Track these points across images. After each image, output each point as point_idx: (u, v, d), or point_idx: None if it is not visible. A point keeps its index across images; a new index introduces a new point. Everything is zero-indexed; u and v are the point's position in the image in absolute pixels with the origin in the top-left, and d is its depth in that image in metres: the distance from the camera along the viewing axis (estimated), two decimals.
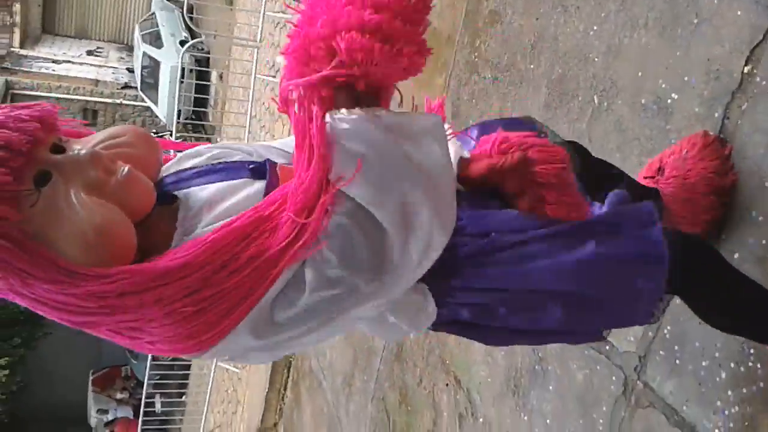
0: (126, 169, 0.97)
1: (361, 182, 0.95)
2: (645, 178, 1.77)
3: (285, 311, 0.98)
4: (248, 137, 7.95)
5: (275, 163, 1.12)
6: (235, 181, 1.07)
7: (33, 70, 15.47)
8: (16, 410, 9.96)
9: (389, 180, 0.96)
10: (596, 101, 2.28)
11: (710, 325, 1.40)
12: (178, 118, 12.17)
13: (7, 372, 10.06)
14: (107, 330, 0.97)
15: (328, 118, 0.96)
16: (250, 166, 1.11)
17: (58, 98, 15.02)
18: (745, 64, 1.73)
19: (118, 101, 15.32)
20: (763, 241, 1.63)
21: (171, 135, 13.35)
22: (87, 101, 15.35)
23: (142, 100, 14.77)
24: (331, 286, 0.97)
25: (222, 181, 1.07)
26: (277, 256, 0.94)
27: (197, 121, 14.16)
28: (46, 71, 15.53)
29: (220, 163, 1.13)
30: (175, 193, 1.06)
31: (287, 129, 6.74)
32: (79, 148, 0.96)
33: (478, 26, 3.15)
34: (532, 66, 2.68)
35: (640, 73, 2.08)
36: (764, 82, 1.68)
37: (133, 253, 0.96)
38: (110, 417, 14.37)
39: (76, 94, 15.19)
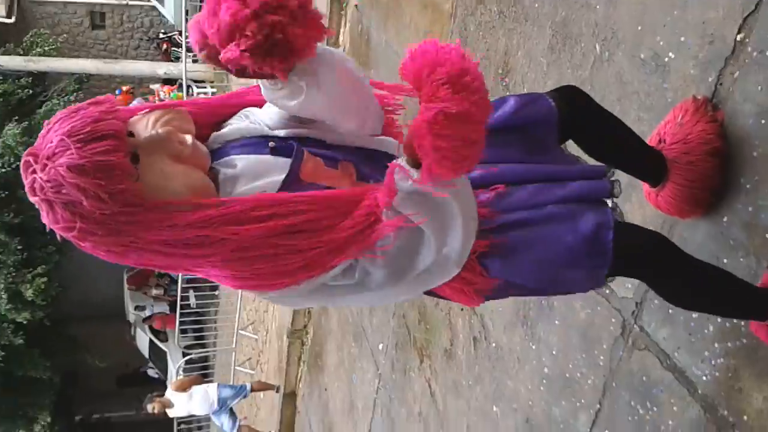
0: (190, 139, 1.19)
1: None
2: None
3: (336, 280, 1.22)
4: None
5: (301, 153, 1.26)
6: (261, 156, 1.27)
7: None
8: (57, 314, 10.52)
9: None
10: (598, 50, 2.31)
11: (675, 305, 1.55)
12: (186, 17, 11.97)
13: (45, 279, 10.52)
14: (206, 262, 1.16)
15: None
16: (270, 144, 1.29)
17: (65, 2, 14.79)
18: (738, 32, 1.76)
19: (124, 2, 15.04)
20: (750, 208, 1.73)
21: (180, 35, 13.24)
22: (94, 4, 15.09)
23: (149, 0, 14.50)
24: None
25: (250, 154, 1.27)
26: (346, 242, 1.16)
27: None
28: None
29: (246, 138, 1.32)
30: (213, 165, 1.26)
31: None
32: (144, 128, 1.17)
33: None
34: (536, 5, 2.68)
35: (639, 27, 2.11)
36: (755, 53, 1.72)
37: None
38: (147, 313, 15.08)
39: None
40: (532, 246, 1.33)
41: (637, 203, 2.08)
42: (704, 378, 1.87)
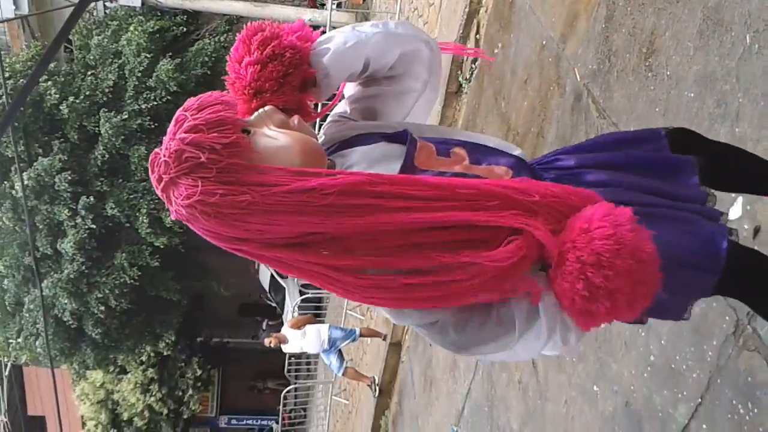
0: (297, 118, 1.26)
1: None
2: None
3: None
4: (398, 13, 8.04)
5: (415, 139, 1.32)
6: (375, 144, 1.32)
7: None
8: (191, 242, 11.17)
9: None
10: (748, 41, 2.23)
11: None
12: None
13: None
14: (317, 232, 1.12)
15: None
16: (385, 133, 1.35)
17: None
18: None
19: None
20: None
21: None
22: None
23: None
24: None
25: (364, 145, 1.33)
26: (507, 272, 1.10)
27: None
28: None
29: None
30: (329, 158, 1.32)
31: (436, 14, 6.72)
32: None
33: None
34: None
35: None
36: None
37: (325, 165, 1.24)
38: None
39: None
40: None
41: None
42: None
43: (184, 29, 11.91)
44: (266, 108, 1.24)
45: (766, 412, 2.00)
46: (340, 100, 1.51)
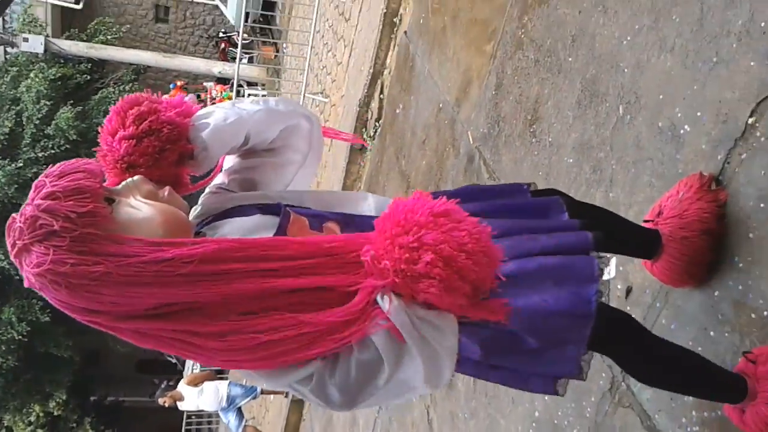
0: (167, 189, 1.26)
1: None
2: (645, 221, 1.91)
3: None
4: (310, 52, 8.12)
5: (288, 212, 1.34)
6: (249, 217, 1.33)
7: None
8: None
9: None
10: (621, 111, 2.38)
11: (643, 383, 1.61)
12: (246, 20, 12.23)
13: None
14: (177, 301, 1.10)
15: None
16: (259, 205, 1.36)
17: None
18: (750, 116, 1.83)
19: None
20: (740, 286, 1.79)
21: (238, 36, 13.55)
22: None
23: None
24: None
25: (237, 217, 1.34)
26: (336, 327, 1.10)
27: (265, 24, 14.21)
28: None
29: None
30: (199, 230, 1.33)
31: (348, 50, 6.87)
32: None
33: (527, 2, 3.20)
34: (570, 59, 2.77)
35: (661, 96, 2.18)
36: (763, 138, 1.78)
37: (191, 236, 1.24)
38: None
39: None
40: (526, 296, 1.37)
41: (638, 264, 2.14)
42: None
43: (88, 77, 11.69)
44: (135, 178, 1.24)
45: None
46: (219, 172, 1.52)
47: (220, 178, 1.51)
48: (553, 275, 1.35)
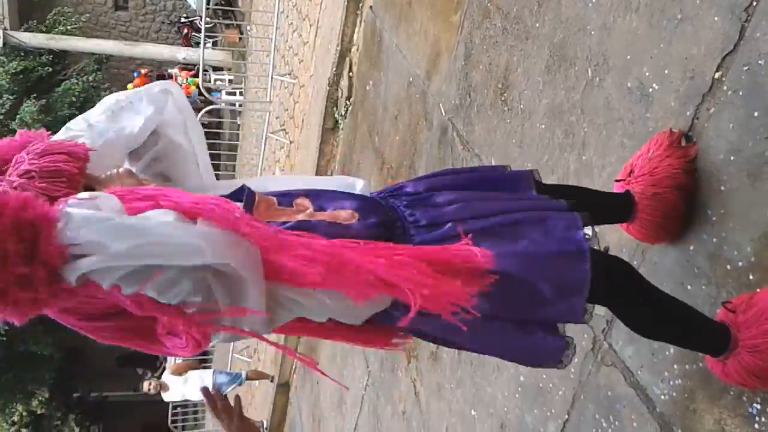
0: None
1: None
2: (617, 181, 1.94)
3: None
4: (276, 32, 8.04)
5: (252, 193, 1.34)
6: None
7: None
8: None
9: None
10: (590, 74, 2.40)
11: (638, 334, 1.64)
12: (208, 3, 12.09)
13: None
14: None
15: None
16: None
17: None
18: (716, 70, 1.85)
19: None
20: (714, 239, 1.82)
21: (200, 20, 13.36)
22: None
23: None
24: None
25: None
26: None
27: (227, 6, 14.03)
28: None
29: None
30: None
31: (314, 29, 6.81)
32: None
33: None
34: (537, 24, 2.77)
35: (628, 56, 2.19)
36: (730, 92, 1.80)
37: None
38: None
39: None
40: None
41: (613, 226, 2.16)
42: (663, 397, 1.96)
43: (50, 69, 11.47)
44: (120, 169, 1.30)
45: (627, 424, 2.11)
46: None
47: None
48: (539, 227, 1.39)
